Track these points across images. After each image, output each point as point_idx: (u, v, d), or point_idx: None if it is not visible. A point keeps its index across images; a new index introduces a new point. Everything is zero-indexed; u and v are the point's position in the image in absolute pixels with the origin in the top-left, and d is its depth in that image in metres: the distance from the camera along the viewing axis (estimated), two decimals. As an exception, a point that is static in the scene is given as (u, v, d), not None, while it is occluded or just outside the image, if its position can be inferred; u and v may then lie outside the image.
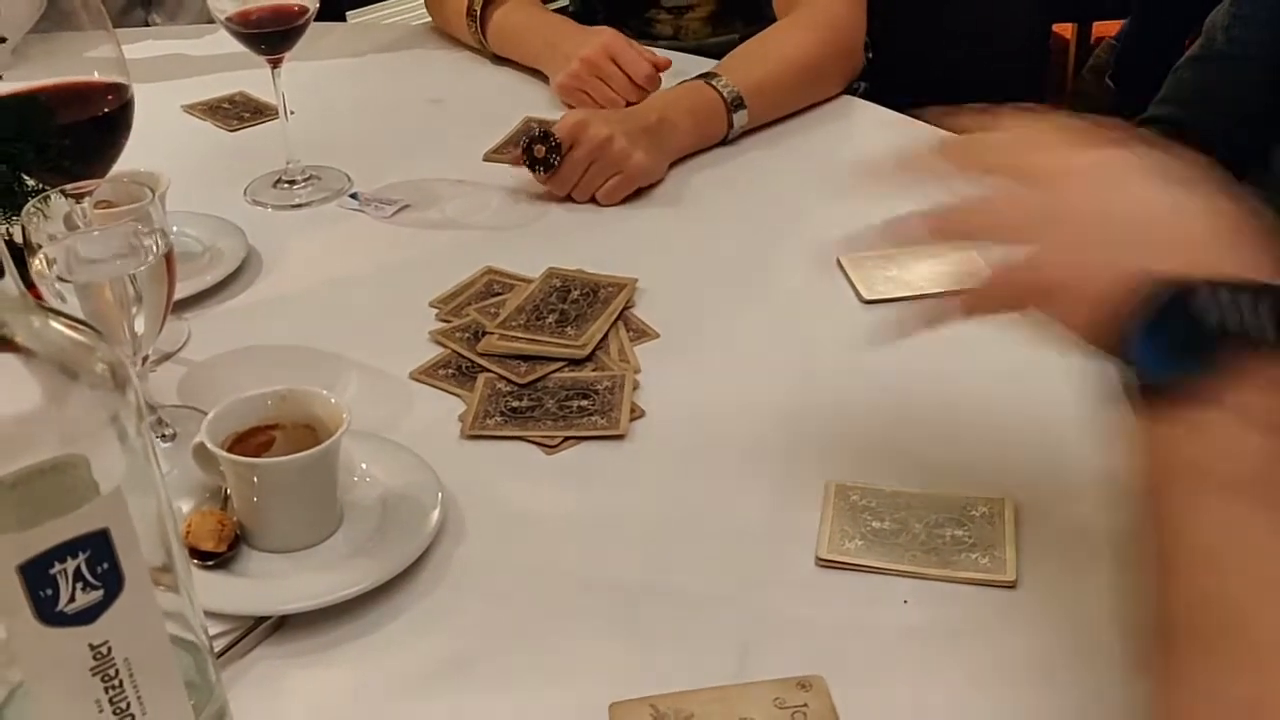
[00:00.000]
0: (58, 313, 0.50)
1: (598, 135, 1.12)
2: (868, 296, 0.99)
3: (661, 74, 1.29)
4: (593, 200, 1.14)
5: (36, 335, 0.49)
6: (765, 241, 1.09)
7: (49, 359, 0.49)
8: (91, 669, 0.49)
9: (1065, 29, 2.36)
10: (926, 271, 0.99)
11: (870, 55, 1.37)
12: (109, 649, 0.49)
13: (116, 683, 0.50)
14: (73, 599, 0.47)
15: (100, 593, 0.48)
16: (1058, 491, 0.78)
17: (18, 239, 0.76)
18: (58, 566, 0.46)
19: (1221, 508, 0.55)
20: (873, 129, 1.28)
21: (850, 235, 0.74)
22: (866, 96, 1.37)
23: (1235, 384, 0.55)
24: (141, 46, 1.51)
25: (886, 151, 0.69)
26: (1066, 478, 0.80)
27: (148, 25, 1.69)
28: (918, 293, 0.97)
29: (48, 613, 0.47)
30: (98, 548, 0.47)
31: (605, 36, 1.31)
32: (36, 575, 0.46)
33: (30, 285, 0.76)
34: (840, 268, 1.02)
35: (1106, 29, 2.15)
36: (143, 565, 0.50)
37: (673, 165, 1.20)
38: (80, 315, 0.75)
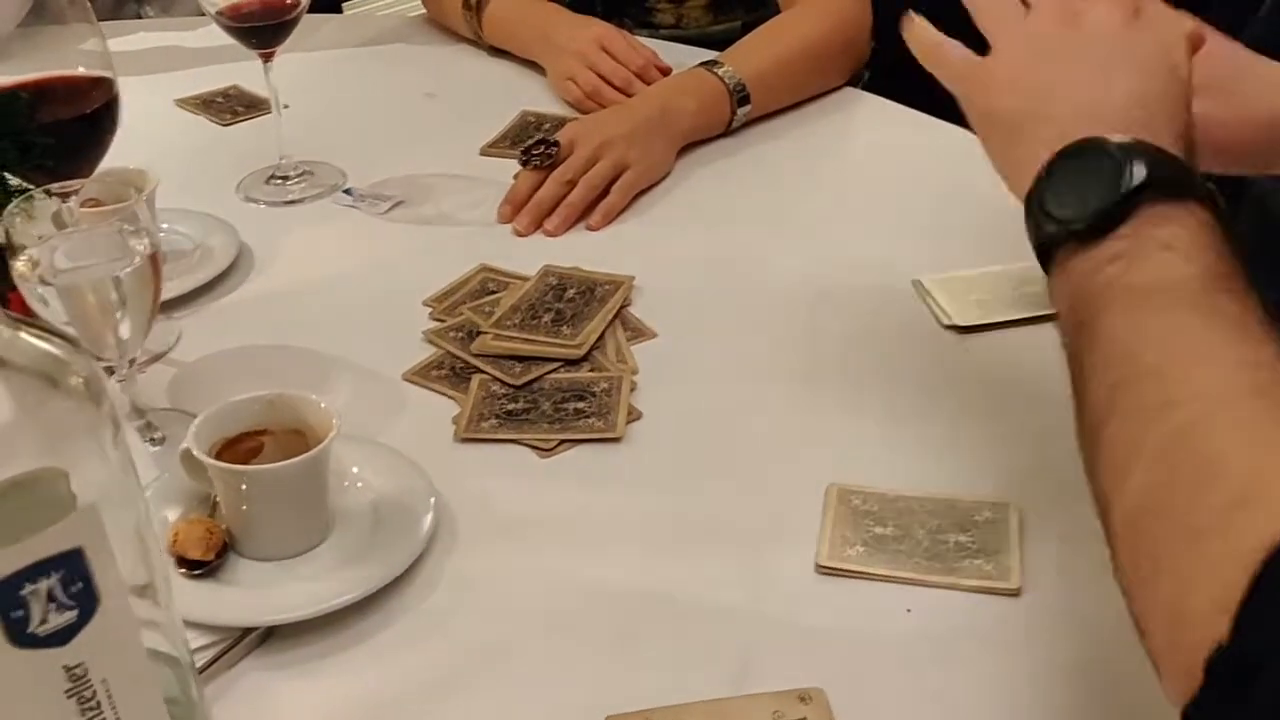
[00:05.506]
0: (30, 323, 0.49)
1: (600, 137, 1.11)
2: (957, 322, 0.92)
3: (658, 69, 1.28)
4: (590, 207, 1.10)
5: (8, 346, 0.47)
6: (766, 237, 1.07)
7: (22, 370, 0.48)
8: (66, 691, 0.47)
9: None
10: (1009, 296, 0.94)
11: (875, 44, 1.35)
12: (84, 670, 0.47)
13: (93, 705, 0.48)
14: (45, 620, 0.46)
15: (74, 613, 0.46)
16: (1063, 496, 0.76)
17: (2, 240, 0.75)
18: (29, 588, 0.45)
19: (1166, 319, 0.56)
20: (876, 122, 1.26)
21: None
22: (870, 86, 1.35)
23: (1154, 221, 0.58)
24: (134, 39, 1.50)
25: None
26: (1072, 482, 0.78)
27: (140, 18, 1.67)
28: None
29: (18, 634, 0.45)
30: (71, 567, 0.46)
31: (597, 29, 1.31)
32: (6, 596, 0.45)
33: (13, 288, 0.75)
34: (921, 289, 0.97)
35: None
36: (119, 583, 0.48)
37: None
38: (64, 319, 0.73)
